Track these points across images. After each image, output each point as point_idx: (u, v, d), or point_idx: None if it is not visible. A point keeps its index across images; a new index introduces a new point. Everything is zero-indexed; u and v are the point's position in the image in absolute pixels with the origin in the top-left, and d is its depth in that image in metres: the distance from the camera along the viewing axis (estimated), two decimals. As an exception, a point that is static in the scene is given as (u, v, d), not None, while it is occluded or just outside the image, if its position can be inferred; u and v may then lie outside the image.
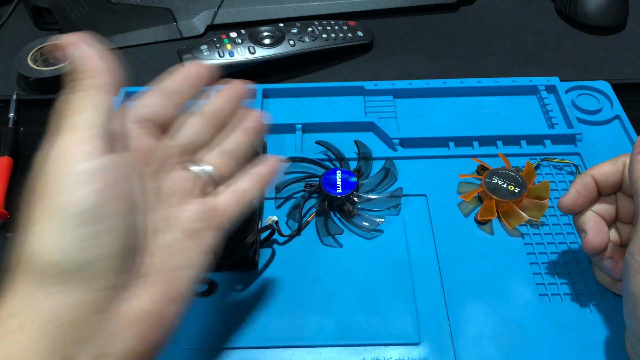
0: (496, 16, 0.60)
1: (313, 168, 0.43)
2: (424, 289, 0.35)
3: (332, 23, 0.54)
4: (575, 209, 0.33)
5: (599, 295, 0.35)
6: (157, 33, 0.57)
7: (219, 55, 0.49)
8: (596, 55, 0.54)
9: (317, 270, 0.37)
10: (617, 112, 0.47)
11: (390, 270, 0.36)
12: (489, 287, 0.35)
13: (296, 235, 0.39)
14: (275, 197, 0.41)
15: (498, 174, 0.40)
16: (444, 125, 0.47)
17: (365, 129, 0.46)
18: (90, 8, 0.58)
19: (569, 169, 0.43)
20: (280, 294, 0.35)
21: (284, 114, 0.48)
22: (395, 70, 0.53)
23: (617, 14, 0.56)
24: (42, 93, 0.51)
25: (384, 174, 0.41)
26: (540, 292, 0.35)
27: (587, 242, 0.32)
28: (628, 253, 0.28)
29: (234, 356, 0.33)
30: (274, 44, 0.51)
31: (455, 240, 0.38)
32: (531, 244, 0.38)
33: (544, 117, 0.48)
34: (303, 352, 0.33)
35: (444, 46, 0.56)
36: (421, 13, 0.61)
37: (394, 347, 0.33)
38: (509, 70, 0.53)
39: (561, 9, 0.59)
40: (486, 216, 0.38)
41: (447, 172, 0.42)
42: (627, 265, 0.28)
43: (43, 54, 0.53)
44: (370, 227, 0.38)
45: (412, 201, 0.41)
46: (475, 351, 0.32)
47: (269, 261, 0.37)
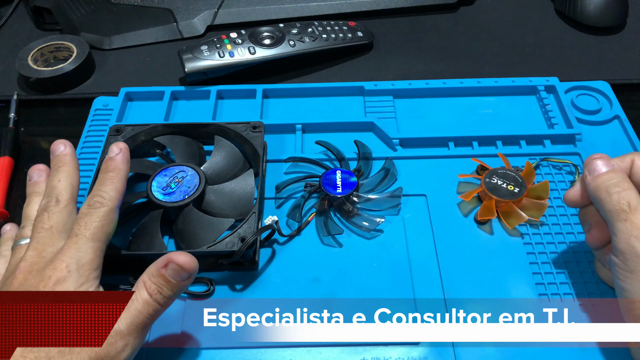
0: (496, 16, 0.60)
1: (313, 168, 0.43)
2: (424, 289, 0.35)
3: (332, 23, 0.54)
4: (581, 202, 0.33)
5: (599, 295, 0.35)
6: (157, 33, 0.57)
7: (219, 56, 0.49)
8: (596, 55, 0.54)
9: (317, 270, 0.37)
10: (617, 112, 0.47)
11: (390, 270, 0.36)
12: (488, 287, 0.35)
13: (296, 235, 0.39)
14: (275, 197, 0.41)
15: (498, 173, 0.40)
16: (443, 125, 0.47)
17: (365, 129, 0.46)
18: (91, 8, 0.58)
19: (569, 169, 0.43)
20: (280, 294, 0.35)
21: (284, 114, 0.48)
22: (395, 71, 0.53)
23: (616, 14, 0.56)
24: (43, 93, 0.51)
25: (384, 174, 0.41)
26: (540, 292, 0.35)
27: (591, 236, 0.32)
28: (612, 252, 0.29)
29: (234, 356, 0.33)
30: (274, 44, 0.51)
31: (455, 240, 0.38)
32: (531, 244, 0.38)
33: (544, 117, 0.48)
34: (303, 352, 0.33)
35: (444, 46, 0.56)
36: (421, 13, 0.61)
37: (394, 347, 0.33)
38: (508, 71, 0.53)
39: (561, 9, 0.59)
40: (486, 216, 0.38)
41: (447, 172, 0.42)
42: (612, 263, 0.29)
43: (43, 54, 0.53)
44: (370, 227, 0.38)
45: (412, 201, 0.41)
46: (475, 351, 0.32)
47: (269, 261, 0.37)
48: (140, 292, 0.28)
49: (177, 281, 0.29)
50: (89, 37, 0.55)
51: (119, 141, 0.36)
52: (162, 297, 0.28)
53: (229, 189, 0.39)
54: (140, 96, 0.50)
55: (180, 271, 0.28)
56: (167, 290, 0.29)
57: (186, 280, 0.29)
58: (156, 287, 0.28)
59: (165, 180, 0.38)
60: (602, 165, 0.31)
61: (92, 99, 0.50)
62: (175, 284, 0.29)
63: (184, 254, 0.29)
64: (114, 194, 0.32)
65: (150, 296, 0.28)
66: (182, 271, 0.29)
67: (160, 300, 0.28)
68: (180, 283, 0.29)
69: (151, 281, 0.29)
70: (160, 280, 0.28)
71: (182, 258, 0.29)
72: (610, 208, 0.29)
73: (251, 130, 0.42)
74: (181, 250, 0.30)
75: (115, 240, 0.38)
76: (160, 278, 0.29)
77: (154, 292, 0.28)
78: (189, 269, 0.29)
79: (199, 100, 0.50)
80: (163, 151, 0.43)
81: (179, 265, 0.28)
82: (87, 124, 0.47)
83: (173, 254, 0.29)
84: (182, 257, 0.29)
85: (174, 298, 0.29)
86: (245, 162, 0.42)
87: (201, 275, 0.36)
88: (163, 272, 0.29)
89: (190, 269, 0.29)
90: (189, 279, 0.29)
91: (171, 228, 0.38)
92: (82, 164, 0.43)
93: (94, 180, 0.38)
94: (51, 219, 0.31)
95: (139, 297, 0.28)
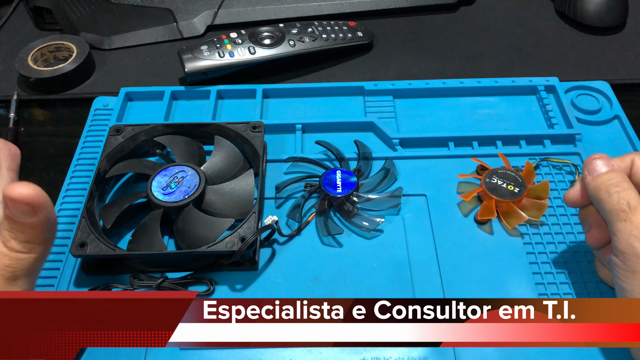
0: (496, 16, 0.60)
1: (313, 168, 0.43)
2: (424, 289, 0.35)
3: (332, 23, 0.54)
4: (581, 202, 0.33)
5: (599, 295, 0.35)
6: (157, 33, 0.57)
7: (219, 56, 0.49)
8: (596, 55, 0.54)
9: (317, 270, 0.37)
10: (617, 112, 0.47)
11: (390, 270, 0.37)
12: (488, 287, 0.35)
13: (296, 235, 0.39)
14: (275, 197, 0.41)
15: (498, 173, 0.40)
16: (443, 125, 0.47)
17: (365, 129, 0.46)
18: (91, 8, 0.58)
19: (569, 168, 0.43)
20: (280, 294, 0.35)
21: (284, 114, 0.48)
22: (395, 70, 0.53)
23: (616, 14, 0.56)
24: (43, 93, 0.51)
25: (384, 174, 0.41)
26: (540, 292, 0.35)
27: (591, 236, 0.33)
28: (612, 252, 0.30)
29: (234, 355, 0.33)
30: (274, 44, 0.51)
31: (455, 240, 0.38)
32: (531, 244, 0.38)
33: (544, 117, 0.48)
34: (303, 352, 0.33)
35: (444, 46, 0.56)
36: (421, 13, 0.61)
37: (394, 347, 0.33)
38: (508, 71, 0.53)
39: (561, 9, 0.59)
40: (486, 216, 0.38)
41: (447, 172, 0.42)
42: (612, 263, 0.29)
43: (43, 54, 0.53)
44: (370, 227, 0.38)
45: (411, 201, 0.41)
46: (475, 351, 0.32)
47: (269, 261, 0.37)
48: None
49: (26, 220, 0.24)
50: (89, 37, 0.55)
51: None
52: (17, 243, 0.24)
53: (229, 189, 0.39)
54: (140, 96, 0.50)
55: (21, 206, 0.23)
56: (20, 234, 0.24)
57: (36, 218, 0.24)
58: (8, 232, 0.24)
59: (165, 180, 0.38)
60: (602, 165, 0.31)
61: (92, 99, 0.50)
62: (26, 225, 0.24)
63: (22, 184, 0.24)
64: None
65: (5, 245, 0.24)
66: (22, 205, 0.23)
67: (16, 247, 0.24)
68: (30, 221, 0.24)
69: (2, 227, 0.24)
70: (10, 225, 0.24)
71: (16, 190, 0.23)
72: (610, 208, 0.29)
73: (251, 130, 0.42)
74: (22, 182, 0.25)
75: (116, 240, 0.38)
76: (8, 221, 0.24)
77: (7, 238, 0.24)
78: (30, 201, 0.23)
79: (199, 100, 0.50)
80: (163, 151, 0.43)
81: (13, 199, 0.23)
82: (87, 124, 0.47)
83: (8, 187, 0.24)
84: (16, 189, 0.23)
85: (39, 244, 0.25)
86: (245, 162, 0.42)
87: (201, 275, 0.36)
88: (8, 213, 0.24)
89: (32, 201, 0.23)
90: (39, 214, 0.24)
91: (171, 228, 0.38)
92: (82, 164, 0.44)
93: (94, 180, 0.38)
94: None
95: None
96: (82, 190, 0.42)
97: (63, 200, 0.41)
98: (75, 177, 0.43)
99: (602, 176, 0.31)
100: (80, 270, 0.37)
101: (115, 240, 0.38)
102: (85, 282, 0.36)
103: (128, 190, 0.42)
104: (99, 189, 0.39)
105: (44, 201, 0.24)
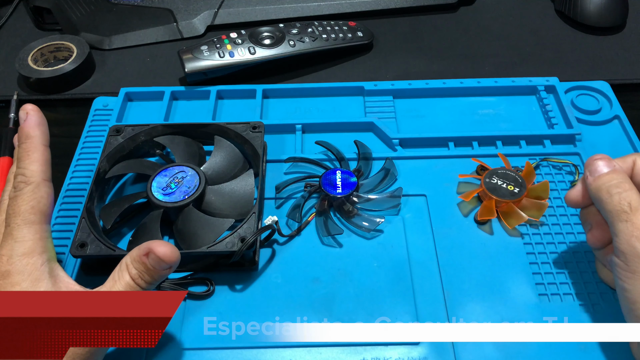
0: (496, 16, 0.60)
1: (313, 168, 0.43)
2: (424, 289, 0.35)
3: (332, 23, 0.54)
4: (582, 203, 0.33)
5: (599, 295, 0.35)
6: (157, 33, 0.57)
7: (219, 56, 0.49)
8: (596, 55, 0.54)
9: (317, 270, 0.37)
10: (617, 112, 0.47)
11: (390, 270, 0.37)
12: (488, 287, 0.35)
13: (296, 235, 0.39)
14: (275, 197, 0.41)
15: (497, 174, 0.40)
16: (443, 126, 0.47)
17: (365, 129, 0.46)
18: (91, 8, 0.58)
19: (569, 169, 0.43)
20: (280, 294, 0.35)
21: (284, 114, 0.48)
22: (395, 71, 0.53)
23: (616, 14, 0.56)
24: (43, 93, 0.51)
25: (384, 174, 0.41)
26: (540, 292, 0.35)
27: (592, 236, 0.33)
28: (613, 252, 0.30)
29: (234, 356, 0.33)
30: (274, 45, 0.51)
31: (454, 240, 0.38)
32: (531, 244, 0.38)
33: (544, 117, 0.48)
34: (303, 352, 0.33)
35: (444, 46, 0.56)
36: (421, 13, 0.61)
37: (394, 347, 0.33)
38: (508, 71, 0.53)
39: (561, 9, 0.59)
40: (486, 216, 0.38)
41: (447, 172, 0.42)
42: (613, 264, 0.29)
43: (43, 54, 0.53)
44: (370, 227, 0.38)
45: (411, 201, 0.41)
46: (475, 351, 0.32)
47: (269, 261, 0.37)
48: (123, 275, 0.29)
49: (157, 269, 0.29)
50: (89, 37, 0.55)
51: (28, 104, 0.32)
52: (143, 282, 0.29)
53: (228, 189, 0.39)
54: (140, 96, 0.50)
55: (160, 262, 0.29)
56: (147, 276, 0.29)
57: (167, 270, 0.29)
58: (137, 272, 0.29)
59: (165, 181, 0.38)
60: (603, 166, 0.31)
61: (92, 99, 0.50)
62: (155, 272, 0.29)
63: (165, 245, 0.29)
64: (35, 167, 0.30)
65: (133, 280, 0.29)
66: (162, 262, 0.29)
67: (141, 284, 0.29)
68: (160, 272, 0.29)
69: (133, 266, 0.29)
70: (141, 267, 0.29)
71: (161, 250, 0.28)
72: (611, 209, 0.30)
73: (251, 130, 0.42)
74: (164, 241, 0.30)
75: (116, 240, 0.38)
76: (141, 265, 0.29)
77: (136, 276, 0.29)
78: (169, 262, 0.29)
79: (199, 101, 0.50)
80: (163, 151, 0.43)
81: (158, 257, 0.28)
82: (87, 124, 0.47)
83: (154, 244, 0.29)
84: (161, 249, 0.28)
85: (154, 284, 0.30)
86: (245, 162, 0.42)
87: (201, 275, 0.36)
88: (145, 260, 0.29)
89: (170, 262, 0.29)
90: (170, 269, 0.29)
91: (171, 228, 0.38)
92: (82, 164, 0.44)
93: (94, 181, 0.38)
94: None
95: (122, 279, 0.29)
96: (82, 190, 0.42)
97: (63, 201, 0.41)
98: (75, 177, 0.43)
99: (604, 177, 0.31)
100: (80, 270, 0.37)
101: (115, 241, 0.38)
102: (85, 282, 0.36)
103: (128, 191, 0.42)
104: (99, 189, 0.39)
105: (178, 259, 0.29)
